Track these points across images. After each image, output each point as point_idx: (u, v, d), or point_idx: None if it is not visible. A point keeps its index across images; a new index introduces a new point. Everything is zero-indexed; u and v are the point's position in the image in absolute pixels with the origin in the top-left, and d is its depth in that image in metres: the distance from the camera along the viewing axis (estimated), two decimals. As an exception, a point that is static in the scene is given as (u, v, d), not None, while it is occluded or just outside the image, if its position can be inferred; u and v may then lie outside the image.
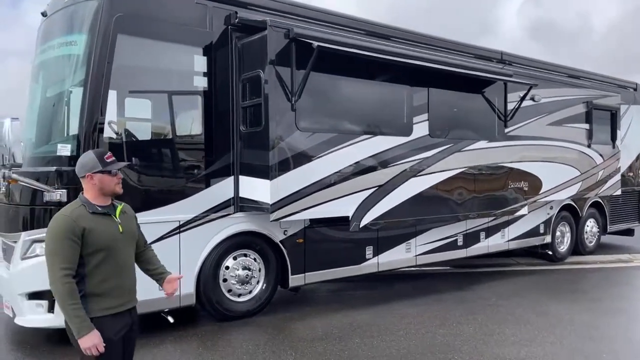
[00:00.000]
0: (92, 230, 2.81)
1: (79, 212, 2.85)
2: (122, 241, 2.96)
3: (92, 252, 2.81)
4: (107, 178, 2.95)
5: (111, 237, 2.89)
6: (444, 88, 7.25)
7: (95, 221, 2.85)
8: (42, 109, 5.64)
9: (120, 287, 2.93)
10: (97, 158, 2.94)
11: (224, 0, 5.91)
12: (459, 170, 7.43)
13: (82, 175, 2.96)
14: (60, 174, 5.04)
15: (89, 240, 2.79)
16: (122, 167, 3.13)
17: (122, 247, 2.96)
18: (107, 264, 2.86)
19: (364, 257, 7.16)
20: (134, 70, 5.37)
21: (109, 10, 5.16)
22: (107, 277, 2.86)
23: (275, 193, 5.56)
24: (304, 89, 5.64)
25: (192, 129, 5.79)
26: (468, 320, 6.20)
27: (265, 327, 5.94)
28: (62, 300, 2.73)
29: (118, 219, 2.98)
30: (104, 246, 2.84)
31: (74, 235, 2.75)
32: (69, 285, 2.72)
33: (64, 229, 2.76)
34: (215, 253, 5.89)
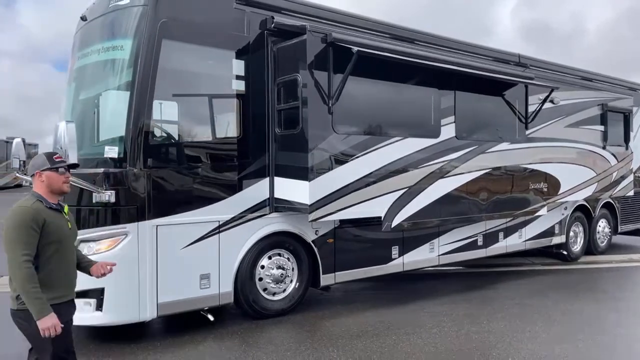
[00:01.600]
0: (50, 223, 3.09)
1: (37, 205, 3.11)
2: (69, 237, 3.28)
3: (47, 243, 3.07)
4: (55, 176, 3.22)
5: (63, 231, 3.19)
6: (469, 91, 7.41)
7: (52, 215, 3.13)
8: (86, 111, 5.75)
9: (66, 279, 3.23)
10: (47, 158, 3.24)
11: (260, 6, 6.04)
12: (483, 172, 7.58)
13: (32, 173, 3.23)
14: (108, 176, 5.16)
15: (47, 232, 3.06)
16: (67, 168, 3.35)
17: (69, 242, 3.27)
18: (58, 256, 3.14)
19: (390, 257, 7.29)
20: (177, 74, 5.50)
21: (154, 16, 5.29)
22: (56, 268, 3.14)
23: (313, 194, 5.70)
24: (341, 92, 5.76)
25: (231, 132, 5.91)
26: (497, 319, 6.34)
27: (301, 325, 6.07)
28: (23, 284, 2.94)
29: (67, 217, 3.29)
30: (57, 239, 3.13)
31: (36, 224, 3.02)
32: (30, 270, 2.96)
33: (28, 218, 3.01)
34: (252, 252, 6.01)
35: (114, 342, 5.39)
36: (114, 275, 5.06)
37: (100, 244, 5.14)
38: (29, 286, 2.94)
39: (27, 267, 2.95)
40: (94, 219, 5.22)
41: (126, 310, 5.20)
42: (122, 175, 5.15)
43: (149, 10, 5.30)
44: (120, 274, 5.10)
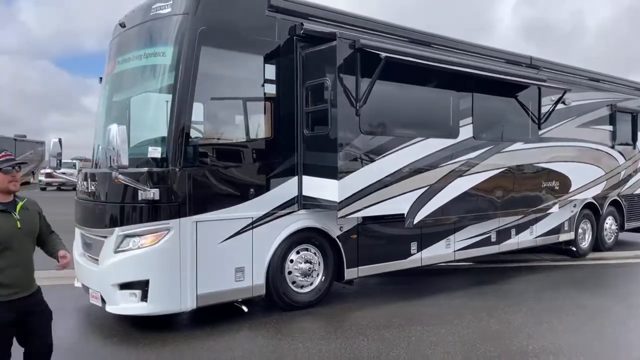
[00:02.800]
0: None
1: None
2: (19, 236, 3.31)
3: None
4: (1, 176, 3.26)
5: (8, 232, 3.24)
6: (486, 93, 7.72)
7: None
8: (128, 113, 6.07)
9: (13, 278, 3.28)
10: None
11: (289, 13, 6.35)
12: (498, 170, 7.90)
13: None
14: (152, 175, 5.48)
15: None
16: (16, 166, 3.39)
17: (19, 241, 3.30)
18: (3, 256, 3.23)
19: (409, 252, 7.62)
20: (214, 78, 5.83)
21: (194, 24, 5.60)
22: (2, 268, 3.22)
23: (342, 192, 6.02)
24: (369, 95, 6.08)
25: (263, 133, 6.23)
26: (514, 311, 6.66)
27: (328, 316, 6.40)
28: None
29: (17, 216, 3.32)
30: (1, 240, 3.20)
31: None
32: None
33: None
34: (282, 247, 6.34)
35: (156, 331, 5.72)
36: (159, 268, 5.49)
37: (144, 239, 5.47)
38: None
39: None
40: (138, 215, 5.53)
41: (169, 301, 5.53)
42: (165, 174, 5.47)
43: (189, 19, 5.61)
44: (164, 266, 5.50)
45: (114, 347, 5.29)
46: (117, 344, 5.39)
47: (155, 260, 5.46)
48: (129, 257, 5.49)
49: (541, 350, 5.19)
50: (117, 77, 6.37)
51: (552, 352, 5.15)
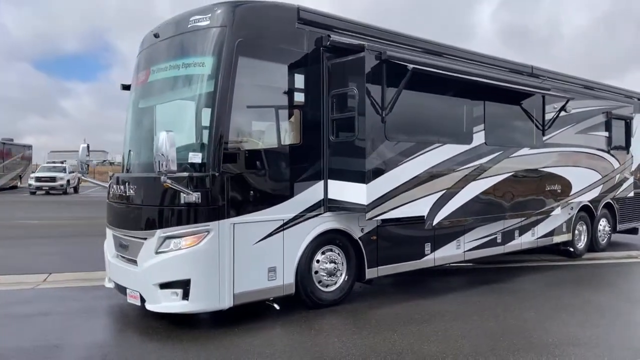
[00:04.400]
0: None
1: None
2: None
3: None
4: None
5: None
6: (496, 101, 8.16)
7: None
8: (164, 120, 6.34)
9: None
10: None
11: (317, 25, 6.69)
12: (507, 175, 8.33)
13: None
14: (192, 179, 5.76)
15: None
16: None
17: None
18: None
19: (424, 253, 7.99)
20: (250, 87, 6.13)
21: (232, 36, 5.91)
22: None
23: (370, 195, 6.37)
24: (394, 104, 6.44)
25: (293, 139, 6.55)
26: (526, 307, 7.07)
27: (354, 313, 6.72)
28: None
29: None
30: None
31: None
32: None
33: None
34: (310, 248, 6.65)
35: (195, 329, 5.99)
36: (199, 267, 5.77)
37: (186, 240, 5.74)
38: None
39: None
40: (180, 217, 5.80)
41: (208, 299, 5.81)
42: (206, 178, 5.75)
43: (227, 31, 5.91)
44: (204, 266, 5.78)
45: (159, 344, 5.53)
46: (160, 341, 5.63)
47: (196, 260, 5.73)
48: (171, 258, 5.75)
49: (560, 342, 5.58)
50: (152, 86, 6.63)
51: (571, 344, 5.55)
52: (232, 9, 6.03)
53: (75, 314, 6.67)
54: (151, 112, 6.70)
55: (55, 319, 6.41)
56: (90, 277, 8.73)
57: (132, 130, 7.08)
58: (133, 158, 6.87)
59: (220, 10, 6.04)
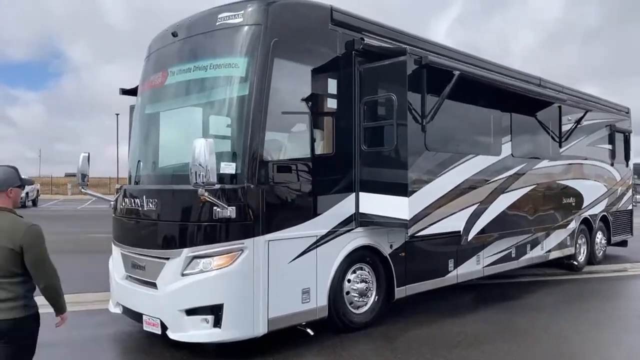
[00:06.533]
0: None
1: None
2: None
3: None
4: (20, 192, 3.39)
5: None
6: (520, 111, 7.90)
7: None
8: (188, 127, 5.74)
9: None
10: (17, 173, 3.37)
11: (350, 27, 6.25)
12: (531, 187, 8.09)
13: (4, 189, 3.27)
14: (225, 191, 5.17)
15: None
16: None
17: None
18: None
19: (448, 269, 7.60)
20: (284, 92, 5.61)
21: (267, 35, 5.39)
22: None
23: (412, 209, 5.92)
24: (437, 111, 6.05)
25: (327, 149, 6.06)
26: (561, 322, 6.85)
27: (389, 336, 6.23)
28: (57, 290, 3.37)
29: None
30: None
31: None
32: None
33: (43, 235, 3.29)
34: (342, 267, 6.14)
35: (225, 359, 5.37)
36: (233, 291, 5.17)
37: (218, 260, 5.13)
38: (58, 290, 3.37)
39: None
40: (211, 234, 5.20)
41: (242, 326, 5.20)
42: (241, 191, 5.18)
43: (263, 30, 5.40)
44: (238, 289, 5.20)
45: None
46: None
47: (229, 282, 5.13)
48: (201, 280, 5.13)
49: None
50: (170, 89, 6.01)
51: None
52: (265, 6, 5.52)
53: (82, 344, 5.93)
54: (169, 118, 6.08)
55: (63, 353, 5.65)
56: (84, 299, 7.95)
57: (143, 139, 6.43)
58: (146, 169, 6.21)
59: (254, 8, 5.52)
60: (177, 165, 5.92)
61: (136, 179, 6.32)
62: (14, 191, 3.29)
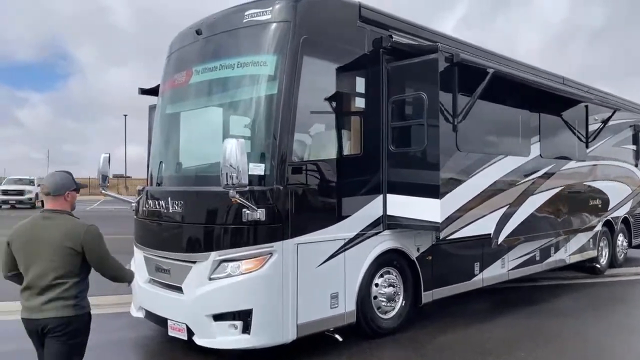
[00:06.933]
0: None
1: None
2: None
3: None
4: (76, 195, 3.52)
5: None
6: (549, 112, 7.71)
7: None
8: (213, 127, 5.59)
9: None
10: (72, 178, 3.49)
11: (378, 25, 6.08)
12: (559, 189, 7.88)
13: (62, 193, 3.38)
14: (254, 193, 5.01)
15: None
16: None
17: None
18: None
19: (473, 273, 7.40)
20: (313, 91, 5.44)
21: (296, 32, 5.22)
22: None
23: (444, 211, 5.74)
24: (469, 111, 5.86)
25: (355, 149, 5.89)
26: (591, 329, 6.66)
27: (419, 342, 6.05)
28: (126, 276, 3.59)
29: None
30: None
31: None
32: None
33: (101, 234, 3.41)
34: (370, 270, 5.97)
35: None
36: (263, 295, 5.01)
37: (246, 264, 4.98)
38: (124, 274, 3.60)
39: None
40: (240, 237, 5.04)
41: (272, 332, 5.04)
42: (270, 193, 5.02)
43: (292, 27, 5.23)
44: (268, 294, 5.04)
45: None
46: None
47: (259, 287, 4.97)
48: (230, 285, 4.97)
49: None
50: (195, 88, 5.85)
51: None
52: (294, 2, 5.36)
53: (104, 348, 5.76)
54: (193, 118, 5.93)
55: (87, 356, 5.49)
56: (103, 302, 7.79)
57: (166, 139, 6.29)
58: (170, 170, 6.06)
59: (282, 4, 5.36)
60: (203, 166, 5.78)
61: (158, 180, 6.17)
62: (70, 194, 3.42)
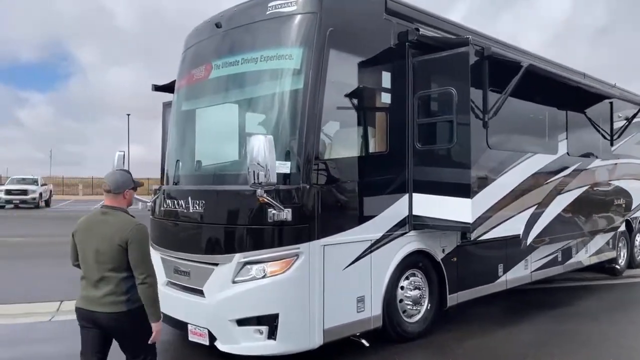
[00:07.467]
0: None
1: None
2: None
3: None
4: (133, 193, 3.62)
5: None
6: (575, 109, 7.48)
7: None
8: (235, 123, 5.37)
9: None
10: (131, 177, 3.60)
11: (405, 18, 5.86)
12: (585, 188, 7.66)
13: (121, 191, 3.50)
14: (279, 192, 4.78)
15: None
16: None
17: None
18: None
19: (497, 275, 7.18)
20: (339, 86, 5.23)
21: (323, 24, 5.00)
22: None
23: (475, 211, 5.51)
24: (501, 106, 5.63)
25: (381, 147, 5.67)
26: (621, 333, 6.44)
27: (447, 347, 5.84)
28: (156, 291, 3.40)
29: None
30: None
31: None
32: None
33: (148, 234, 3.47)
34: (396, 273, 5.75)
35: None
36: (289, 299, 4.79)
37: (274, 266, 4.76)
38: (157, 294, 3.41)
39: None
40: (265, 238, 4.82)
41: (299, 337, 4.83)
42: (297, 192, 4.80)
43: (318, 18, 5.01)
44: (294, 298, 4.84)
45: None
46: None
47: (285, 290, 4.75)
48: (255, 288, 4.75)
49: None
50: (215, 83, 5.63)
51: None
52: None
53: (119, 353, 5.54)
54: (213, 114, 5.71)
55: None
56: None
57: (184, 137, 6.07)
58: (189, 168, 5.84)
59: (307, -5, 5.13)
60: (224, 164, 5.56)
61: (175, 179, 5.95)
62: (129, 193, 3.54)
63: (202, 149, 5.93)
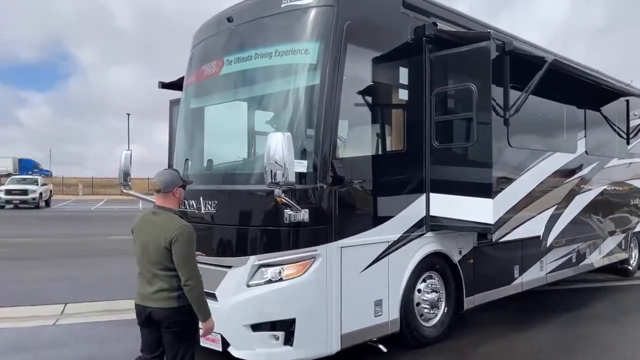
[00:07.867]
0: None
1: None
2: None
3: None
4: (183, 191, 3.65)
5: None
6: (593, 107, 7.30)
7: None
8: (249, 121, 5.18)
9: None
10: (179, 175, 3.65)
11: (423, 12, 5.67)
12: (603, 187, 7.49)
13: (170, 190, 3.52)
14: (295, 192, 4.59)
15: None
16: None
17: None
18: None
19: (513, 277, 7.00)
20: (356, 81, 5.03)
21: (340, 17, 4.81)
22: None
23: (497, 212, 5.32)
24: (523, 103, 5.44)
25: (398, 145, 5.49)
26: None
27: (465, 352, 5.66)
28: (201, 294, 3.40)
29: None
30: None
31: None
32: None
33: (194, 236, 3.42)
34: (413, 275, 5.56)
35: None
36: (306, 303, 4.60)
37: (290, 269, 4.57)
38: (203, 295, 3.44)
39: (201, 279, 3.43)
40: (281, 240, 4.63)
41: (316, 343, 4.64)
42: (314, 192, 4.61)
43: (336, 12, 4.81)
44: (311, 302, 4.67)
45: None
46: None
47: (302, 294, 4.56)
48: (271, 292, 4.56)
49: None
50: (226, 79, 5.43)
51: None
52: None
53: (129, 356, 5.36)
54: (225, 111, 5.51)
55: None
56: (118, 307, 7.40)
57: (193, 135, 5.88)
58: (200, 167, 5.64)
59: (323, -13, 4.94)
60: (237, 163, 5.37)
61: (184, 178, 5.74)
62: (178, 191, 3.56)
63: (213, 148, 5.72)
